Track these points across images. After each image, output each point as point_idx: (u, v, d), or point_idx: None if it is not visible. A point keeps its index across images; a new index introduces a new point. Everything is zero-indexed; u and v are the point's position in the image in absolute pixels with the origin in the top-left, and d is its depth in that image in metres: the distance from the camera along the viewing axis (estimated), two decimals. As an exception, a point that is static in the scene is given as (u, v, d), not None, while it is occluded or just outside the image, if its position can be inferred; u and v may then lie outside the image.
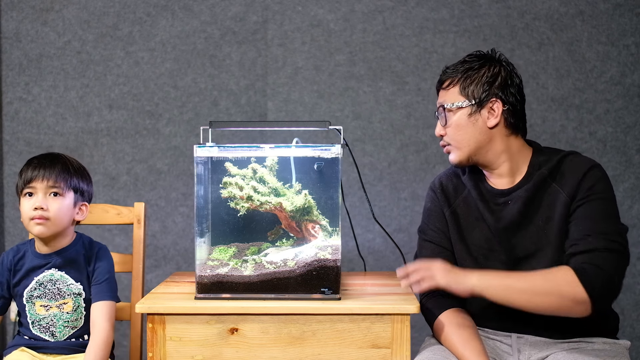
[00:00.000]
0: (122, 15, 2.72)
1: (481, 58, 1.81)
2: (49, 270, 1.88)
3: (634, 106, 2.68)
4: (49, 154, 1.91)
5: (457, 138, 1.79)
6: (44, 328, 1.86)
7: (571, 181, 1.74)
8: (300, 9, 2.72)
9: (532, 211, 1.77)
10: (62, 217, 1.86)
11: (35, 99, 2.73)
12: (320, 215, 1.87)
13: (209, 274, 1.82)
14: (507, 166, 1.80)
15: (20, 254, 1.91)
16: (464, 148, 1.79)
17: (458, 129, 1.79)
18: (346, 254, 2.54)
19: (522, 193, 1.77)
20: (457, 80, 1.79)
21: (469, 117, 1.78)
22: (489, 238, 1.81)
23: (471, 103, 1.77)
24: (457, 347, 1.72)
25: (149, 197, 2.73)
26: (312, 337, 1.75)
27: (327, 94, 2.72)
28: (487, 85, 1.77)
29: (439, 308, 1.80)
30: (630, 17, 2.67)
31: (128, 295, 2.12)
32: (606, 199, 1.72)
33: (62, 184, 1.85)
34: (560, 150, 1.83)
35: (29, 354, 1.85)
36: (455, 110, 1.78)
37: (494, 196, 1.81)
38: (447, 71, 1.82)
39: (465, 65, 1.80)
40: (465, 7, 2.69)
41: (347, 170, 2.64)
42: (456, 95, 1.79)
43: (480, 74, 1.78)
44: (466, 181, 1.88)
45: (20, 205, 1.88)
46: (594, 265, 1.63)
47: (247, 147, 1.89)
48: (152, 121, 2.73)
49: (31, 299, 1.87)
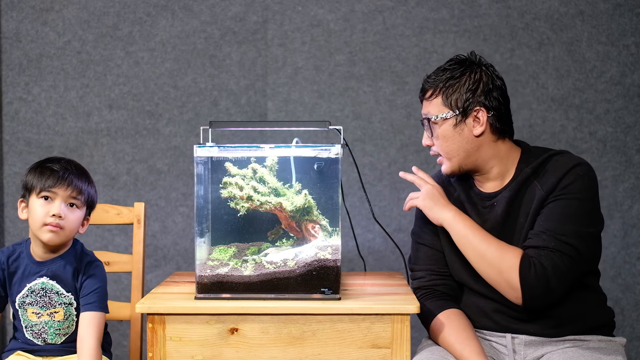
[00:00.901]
0: (122, 15, 2.72)
1: (462, 64, 1.79)
2: (40, 279, 1.83)
3: (634, 106, 2.68)
4: (70, 161, 1.86)
5: (446, 149, 1.80)
6: (36, 334, 1.84)
7: (552, 179, 1.73)
8: (300, 9, 2.72)
9: (514, 210, 1.77)
10: (73, 229, 1.83)
11: (35, 99, 2.73)
12: (320, 215, 1.87)
13: (209, 274, 1.82)
14: (497, 170, 1.81)
15: (14, 255, 1.86)
16: (453, 158, 1.80)
17: (445, 140, 1.79)
18: (346, 254, 2.54)
19: (506, 194, 1.78)
20: (439, 90, 1.78)
21: (454, 127, 1.77)
22: None
23: (455, 113, 1.76)
24: (455, 347, 1.72)
25: (149, 197, 2.73)
26: (312, 337, 1.75)
27: (327, 94, 2.72)
28: (470, 93, 1.76)
29: (437, 309, 1.80)
30: (630, 17, 2.67)
31: (128, 295, 2.12)
32: (580, 199, 1.71)
33: (81, 197, 1.82)
34: (549, 149, 1.82)
35: (26, 357, 1.84)
36: (440, 122, 1.78)
37: (482, 199, 1.82)
38: (428, 80, 1.81)
39: (446, 74, 1.78)
40: (465, 7, 2.69)
41: (347, 170, 2.64)
42: (440, 107, 1.78)
43: (462, 82, 1.77)
44: (455, 184, 1.89)
45: (25, 204, 1.83)
46: (538, 263, 1.66)
47: (247, 147, 1.89)
48: (152, 121, 2.73)
49: (23, 305, 1.84)
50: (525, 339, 1.77)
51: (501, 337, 1.80)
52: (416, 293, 1.87)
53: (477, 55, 1.81)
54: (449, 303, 1.82)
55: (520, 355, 1.77)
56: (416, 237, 1.94)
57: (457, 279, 1.86)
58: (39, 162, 1.84)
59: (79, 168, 1.85)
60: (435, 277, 1.87)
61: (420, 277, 1.89)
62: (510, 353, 1.78)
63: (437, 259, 1.89)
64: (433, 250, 1.89)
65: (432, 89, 1.80)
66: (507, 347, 1.79)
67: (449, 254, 1.86)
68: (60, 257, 1.85)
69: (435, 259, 1.89)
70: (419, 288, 1.89)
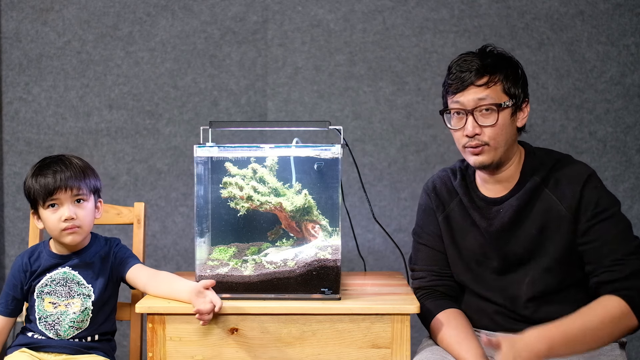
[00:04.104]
0: (122, 15, 2.72)
1: (505, 55, 1.77)
2: (62, 268, 1.88)
3: (634, 106, 2.68)
4: (57, 159, 1.87)
5: (497, 138, 1.73)
6: (50, 325, 1.86)
7: (569, 193, 1.72)
8: (300, 9, 2.72)
9: (523, 218, 1.76)
10: (89, 221, 1.88)
11: (35, 99, 2.73)
12: (320, 215, 1.87)
13: (209, 274, 1.82)
14: (511, 170, 1.79)
15: (35, 255, 1.90)
16: (499, 148, 1.73)
17: (502, 128, 1.72)
18: (346, 254, 2.54)
19: (514, 202, 1.76)
20: (498, 79, 1.73)
21: (511, 117, 1.74)
22: (482, 244, 1.80)
23: (514, 103, 1.73)
24: (454, 346, 1.72)
25: (149, 197, 2.74)
26: (312, 337, 1.75)
27: (327, 94, 2.72)
28: (524, 85, 1.76)
29: (436, 308, 1.80)
30: (630, 17, 2.67)
31: (128, 295, 2.12)
32: (615, 213, 1.72)
33: (84, 190, 1.85)
34: (551, 151, 1.81)
35: (29, 354, 1.84)
36: (502, 109, 1.72)
37: (487, 204, 1.80)
38: (484, 66, 1.73)
39: (504, 61, 1.75)
40: (465, 7, 2.69)
41: (347, 170, 2.64)
42: (500, 94, 1.73)
43: (519, 73, 1.76)
44: (457, 187, 1.86)
45: (37, 215, 1.87)
46: (634, 289, 1.65)
47: (247, 147, 1.89)
48: (152, 121, 2.73)
49: (41, 294, 1.87)
50: None
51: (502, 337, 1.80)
52: (416, 293, 1.87)
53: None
54: (448, 303, 1.82)
55: None
56: (417, 237, 1.93)
57: (458, 279, 1.86)
58: (33, 171, 1.86)
59: (72, 163, 1.86)
60: (436, 278, 1.87)
61: (421, 277, 1.89)
62: None
63: (438, 259, 1.88)
64: (434, 250, 1.89)
65: (489, 75, 1.72)
66: None
67: (451, 256, 1.86)
68: (86, 248, 1.91)
69: (436, 260, 1.89)
70: (419, 288, 1.89)
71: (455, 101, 1.75)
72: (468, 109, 1.72)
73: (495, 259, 1.79)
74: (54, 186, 1.81)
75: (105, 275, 1.90)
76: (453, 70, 1.75)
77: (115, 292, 1.95)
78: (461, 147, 1.77)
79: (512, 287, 1.77)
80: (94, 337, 1.89)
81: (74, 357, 1.85)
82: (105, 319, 1.91)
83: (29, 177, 1.85)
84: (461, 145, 1.77)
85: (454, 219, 1.86)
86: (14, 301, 1.89)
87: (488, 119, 1.72)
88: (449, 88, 1.76)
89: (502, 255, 1.78)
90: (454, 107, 1.75)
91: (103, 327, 1.90)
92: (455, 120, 1.76)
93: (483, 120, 1.72)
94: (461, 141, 1.76)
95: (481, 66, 1.72)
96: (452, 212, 1.86)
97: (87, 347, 1.87)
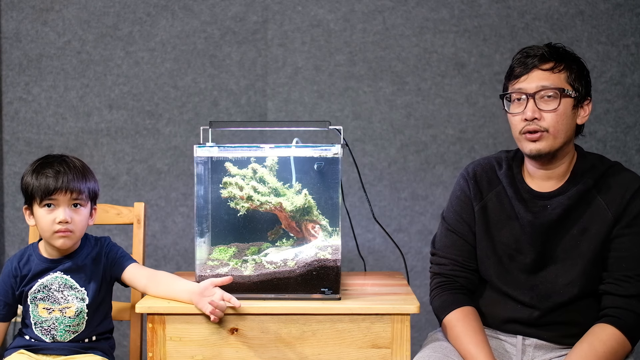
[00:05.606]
0: (122, 15, 2.72)
1: (574, 53, 1.75)
2: (54, 273, 1.84)
3: (634, 106, 2.68)
4: (60, 160, 1.84)
5: (558, 126, 1.69)
6: (46, 330, 1.84)
7: (618, 198, 1.70)
8: (300, 9, 2.72)
9: (571, 220, 1.73)
10: (83, 227, 1.84)
11: (35, 99, 2.73)
12: (320, 215, 1.87)
13: (209, 274, 1.82)
14: (563, 168, 1.76)
15: (24, 259, 1.87)
16: (559, 138, 1.69)
17: (562, 117, 1.69)
18: (346, 254, 2.54)
19: (564, 200, 1.72)
20: (563, 67, 1.70)
21: (572, 108, 1.71)
22: (518, 238, 1.76)
23: (577, 95, 1.71)
24: (469, 347, 1.69)
25: (149, 197, 2.73)
26: (312, 337, 1.75)
27: (327, 94, 2.72)
28: (587, 83, 1.74)
29: (454, 303, 1.77)
30: (630, 17, 2.67)
31: (128, 295, 2.12)
32: None
33: (83, 195, 1.81)
34: (603, 157, 1.79)
35: (27, 355, 1.84)
36: (565, 97, 1.69)
37: (533, 197, 1.75)
38: (552, 52, 1.71)
39: (570, 55, 1.73)
40: (465, 7, 2.69)
41: (347, 170, 2.64)
42: (563, 82, 1.70)
43: (584, 70, 1.74)
44: (502, 177, 1.80)
45: (30, 211, 1.83)
46: (631, 312, 1.65)
47: (247, 147, 1.89)
48: (152, 121, 2.73)
49: (35, 300, 1.84)
50: (536, 342, 1.76)
51: (512, 337, 1.79)
52: (434, 278, 1.84)
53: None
54: (466, 299, 1.79)
55: (528, 356, 1.76)
56: (446, 222, 1.87)
57: (484, 274, 1.82)
58: (34, 167, 1.82)
59: (75, 166, 1.83)
60: (459, 269, 1.82)
61: (443, 264, 1.84)
62: (519, 354, 1.77)
63: (465, 250, 1.83)
64: (463, 241, 1.83)
65: (555, 62, 1.70)
66: (516, 347, 1.78)
67: (483, 248, 1.80)
68: (76, 251, 1.87)
69: (462, 250, 1.83)
70: (438, 274, 1.84)
71: (517, 88, 1.72)
72: (530, 93, 1.69)
73: (529, 255, 1.75)
74: (54, 187, 1.77)
75: (98, 277, 1.87)
76: (517, 56, 1.74)
77: (109, 291, 1.93)
78: (517, 134, 1.72)
79: (542, 286, 1.74)
80: (91, 338, 1.87)
81: (72, 357, 1.85)
82: (101, 319, 1.89)
83: (29, 172, 1.81)
84: (517, 132, 1.72)
85: (491, 210, 1.80)
86: (6, 306, 1.87)
87: (549, 104, 1.68)
88: (512, 72, 1.74)
89: (538, 251, 1.74)
90: (515, 92, 1.72)
91: (100, 327, 1.89)
92: (514, 106, 1.72)
93: (544, 106, 1.68)
94: (518, 126, 1.71)
95: (547, 52, 1.71)
96: (489, 202, 1.81)
97: (85, 347, 1.86)
